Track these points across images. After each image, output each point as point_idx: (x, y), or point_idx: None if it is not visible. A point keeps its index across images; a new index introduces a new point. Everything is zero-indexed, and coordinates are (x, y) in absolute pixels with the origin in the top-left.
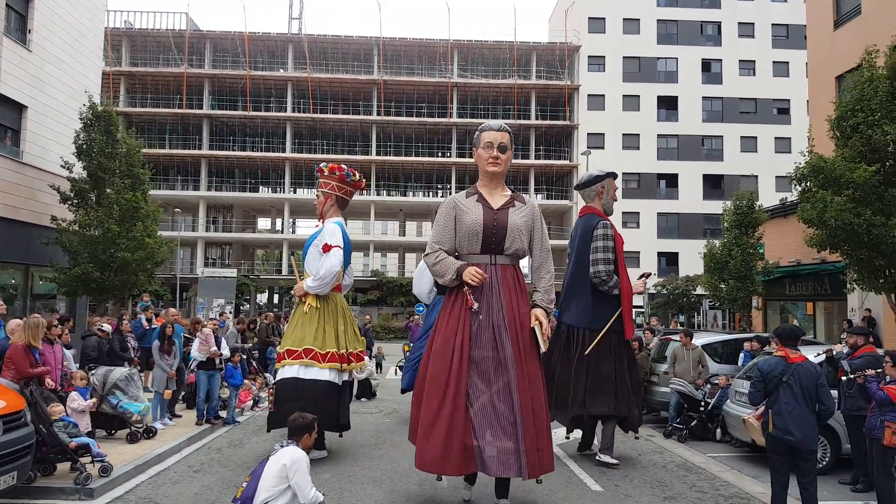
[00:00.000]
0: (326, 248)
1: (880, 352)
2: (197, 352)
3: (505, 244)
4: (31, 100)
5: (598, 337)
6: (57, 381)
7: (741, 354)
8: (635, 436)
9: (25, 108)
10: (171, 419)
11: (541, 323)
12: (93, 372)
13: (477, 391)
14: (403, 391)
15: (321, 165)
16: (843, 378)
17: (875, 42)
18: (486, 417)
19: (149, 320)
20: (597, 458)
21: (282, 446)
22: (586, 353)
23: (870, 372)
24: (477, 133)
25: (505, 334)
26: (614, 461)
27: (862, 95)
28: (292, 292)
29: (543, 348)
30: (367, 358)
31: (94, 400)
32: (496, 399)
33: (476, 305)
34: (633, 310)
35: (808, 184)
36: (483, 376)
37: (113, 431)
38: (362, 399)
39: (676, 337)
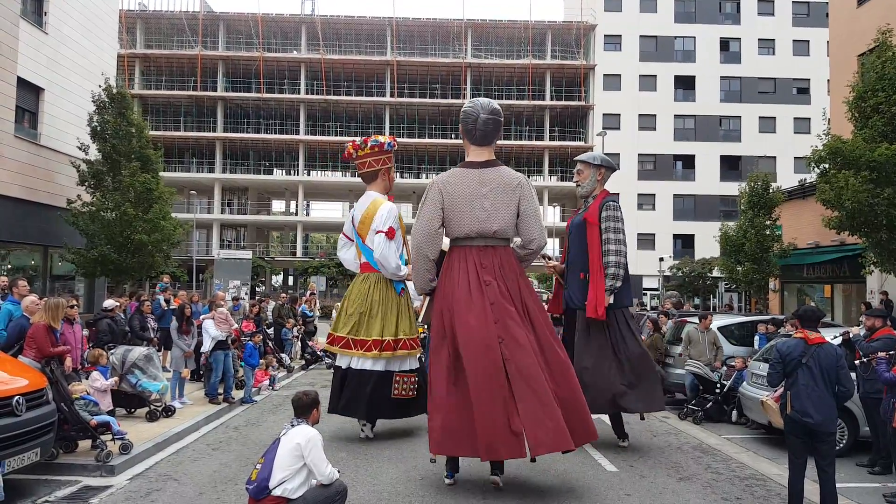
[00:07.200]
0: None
1: None
2: (215, 330)
3: None
4: (47, 82)
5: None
6: (76, 361)
7: (756, 337)
8: (640, 417)
9: (42, 90)
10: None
11: None
12: (112, 351)
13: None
14: None
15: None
16: (857, 362)
17: None
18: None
19: (167, 301)
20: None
21: (292, 426)
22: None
23: (881, 354)
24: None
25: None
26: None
27: (882, 74)
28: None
29: None
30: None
31: (116, 379)
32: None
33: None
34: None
35: (825, 166)
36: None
37: (132, 410)
38: None
39: (692, 319)
